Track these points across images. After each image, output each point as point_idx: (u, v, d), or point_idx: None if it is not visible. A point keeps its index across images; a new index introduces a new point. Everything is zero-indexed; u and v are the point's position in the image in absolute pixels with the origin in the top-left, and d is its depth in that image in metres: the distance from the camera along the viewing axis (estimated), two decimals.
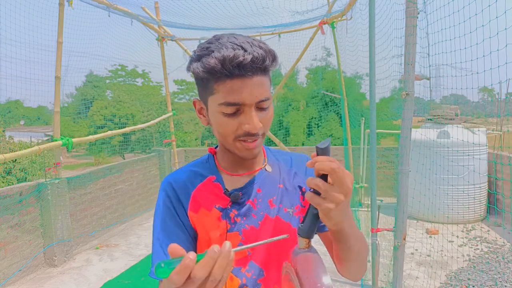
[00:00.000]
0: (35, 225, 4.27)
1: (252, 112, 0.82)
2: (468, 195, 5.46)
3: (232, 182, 0.96)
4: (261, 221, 0.93)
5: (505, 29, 1.98)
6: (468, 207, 5.51)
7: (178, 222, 0.93)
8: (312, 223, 0.73)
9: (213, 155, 1.01)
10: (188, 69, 0.85)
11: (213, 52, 0.78)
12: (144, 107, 20.45)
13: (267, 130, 0.89)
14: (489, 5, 2.02)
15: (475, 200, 5.53)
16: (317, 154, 0.70)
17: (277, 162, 1.02)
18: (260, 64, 0.79)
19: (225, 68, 0.77)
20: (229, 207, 0.93)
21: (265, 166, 0.99)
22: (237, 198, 0.93)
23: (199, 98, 0.91)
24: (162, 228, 0.92)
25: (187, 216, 0.94)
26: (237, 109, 0.82)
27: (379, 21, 3.13)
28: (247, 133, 0.83)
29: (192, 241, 0.94)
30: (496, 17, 2.01)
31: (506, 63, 2.00)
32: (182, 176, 0.98)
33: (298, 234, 0.74)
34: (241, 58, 0.76)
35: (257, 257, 0.92)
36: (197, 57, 0.82)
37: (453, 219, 5.52)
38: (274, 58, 0.82)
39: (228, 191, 0.94)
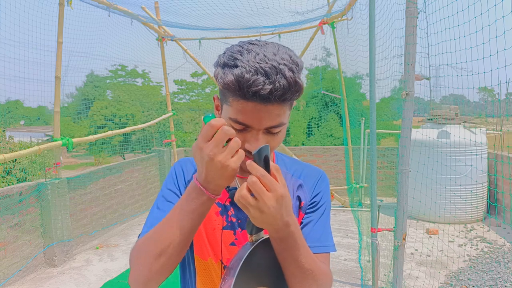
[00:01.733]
0: (35, 225, 4.27)
1: (258, 135, 0.80)
2: (468, 195, 5.46)
3: (235, 182, 0.97)
4: None
5: (504, 33, 1.98)
6: (468, 207, 5.51)
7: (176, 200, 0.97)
8: (250, 220, 0.75)
9: None
10: (214, 66, 0.83)
11: (236, 67, 0.75)
12: (144, 107, 20.46)
13: (272, 150, 0.87)
14: (495, 5, 2.02)
15: (475, 200, 5.53)
16: (254, 160, 0.70)
17: (285, 171, 1.00)
18: (279, 97, 0.75)
19: (241, 90, 0.74)
20: (227, 203, 0.94)
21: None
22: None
23: (218, 96, 0.90)
24: (162, 201, 0.95)
25: None
26: (244, 128, 0.80)
27: (379, 21, 3.13)
28: (248, 151, 0.82)
29: None
30: (503, 17, 2.01)
31: (505, 65, 2.00)
32: (193, 162, 1.00)
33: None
34: (260, 87, 0.73)
35: None
36: (222, 64, 0.78)
37: (453, 219, 5.52)
38: (298, 90, 0.77)
39: (229, 187, 0.95)
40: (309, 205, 0.98)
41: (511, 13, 1.98)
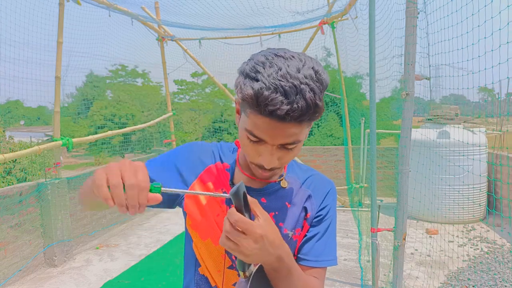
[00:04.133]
0: (35, 225, 4.27)
1: (272, 150, 0.80)
2: (468, 195, 5.46)
3: (242, 180, 0.97)
4: None
5: (499, 29, 1.98)
6: (468, 207, 5.51)
7: (174, 174, 0.98)
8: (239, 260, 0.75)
9: (238, 148, 1.02)
10: (237, 72, 0.82)
11: (257, 81, 0.72)
12: (144, 107, 20.46)
13: (286, 163, 0.87)
14: (485, 5, 2.02)
15: (475, 200, 5.53)
16: (233, 200, 0.70)
17: (294, 179, 1.00)
18: (295, 118, 0.73)
19: (258, 106, 0.73)
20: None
21: (280, 180, 0.97)
22: None
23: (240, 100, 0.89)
24: (161, 163, 0.99)
25: (188, 181, 0.97)
26: (259, 141, 0.80)
27: (379, 21, 3.13)
28: (261, 165, 0.83)
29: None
30: (492, 17, 2.01)
31: (502, 62, 2.00)
32: (210, 148, 1.03)
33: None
34: (277, 106, 0.71)
35: None
36: (245, 74, 0.76)
37: (453, 219, 5.52)
38: (317, 112, 0.76)
39: (233, 183, 0.95)
40: (315, 218, 0.97)
41: (503, 10, 1.98)
